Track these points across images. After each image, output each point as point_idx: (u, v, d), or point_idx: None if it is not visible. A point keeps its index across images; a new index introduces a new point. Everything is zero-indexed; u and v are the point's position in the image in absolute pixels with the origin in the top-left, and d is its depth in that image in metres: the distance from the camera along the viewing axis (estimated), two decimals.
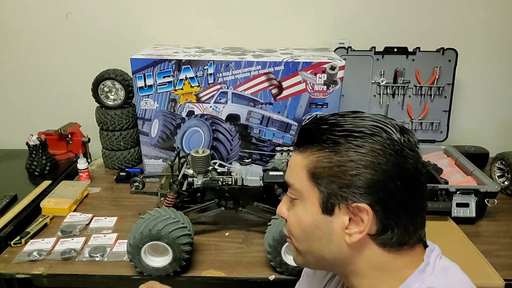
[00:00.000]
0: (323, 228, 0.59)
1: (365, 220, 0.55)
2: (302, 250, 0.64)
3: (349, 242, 0.58)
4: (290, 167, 0.64)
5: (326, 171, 0.57)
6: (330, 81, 1.31)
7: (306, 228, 0.61)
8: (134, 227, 0.98)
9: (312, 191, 0.59)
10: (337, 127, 0.58)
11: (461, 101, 1.69)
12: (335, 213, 0.58)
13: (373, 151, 0.55)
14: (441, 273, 0.57)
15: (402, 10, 1.58)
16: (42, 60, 1.68)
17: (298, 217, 0.62)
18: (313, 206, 0.59)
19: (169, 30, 1.63)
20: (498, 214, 1.26)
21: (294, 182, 0.62)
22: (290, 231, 0.64)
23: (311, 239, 0.61)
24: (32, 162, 1.47)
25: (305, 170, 0.59)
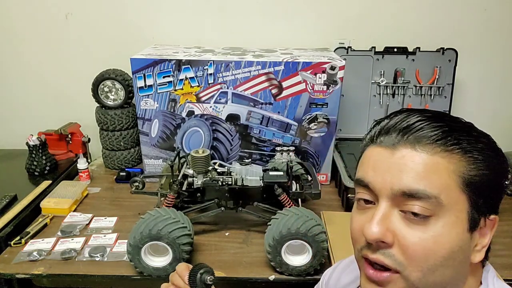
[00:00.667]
0: (465, 249, 0.48)
1: (489, 233, 0.50)
2: (428, 284, 0.48)
3: (476, 261, 0.50)
4: (417, 171, 0.47)
5: (481, 178, 0.48)
6: (330, 81, 1.31)
7: (448, 253, 0.47)
8: (134, 227, 0.98)
9: (461, 204, 0.47)
10: (469, 130, 0.50)
11: (461, 101, 1.69)
12: (476, 229, 0.49)
13: (498, 152, 0.51)
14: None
15: (402, 10, 1.58)
16: (42, 60, 1.68)
17: (438, 241, 0.46)
18: (459, 223, 0.47)
19: (169, 30, 1.63)
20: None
21: (438, 192, 0.46)
22: (409, 261, 0.47)
23: (450, 266, 0.47)
24: (32, 162, 1.47)
25: (455, 176, 0.47)
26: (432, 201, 0.46)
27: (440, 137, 0.48)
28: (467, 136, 0.49)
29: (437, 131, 0.48)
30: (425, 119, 0.49)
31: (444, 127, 0.48)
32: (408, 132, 0.48)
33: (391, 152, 0.49)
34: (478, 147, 0.49)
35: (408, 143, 0.48)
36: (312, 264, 0.98)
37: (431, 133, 0.48)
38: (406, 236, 0.47)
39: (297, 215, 0.98)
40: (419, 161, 0.47)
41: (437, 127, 0.48)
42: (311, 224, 0.96)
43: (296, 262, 0.99)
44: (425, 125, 0.48)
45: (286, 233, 0.96)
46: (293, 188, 1.16)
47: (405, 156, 0.48)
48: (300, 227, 0.95)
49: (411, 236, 0.47)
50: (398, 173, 0.48)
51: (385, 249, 0.48)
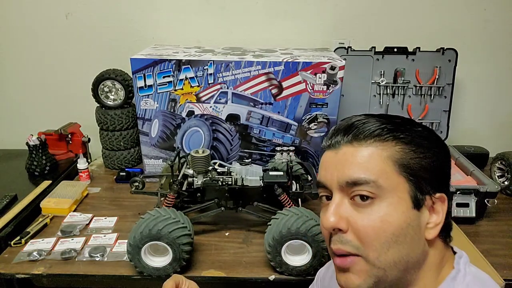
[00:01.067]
0: (414, 225, 0.53)
1: (441, 210, 0.54)
2: (385, 262, 0.53)
3: (430, 238, 0.54)
4: (357, 163, 0.54)
5: (415, 161, 0.54)
6: (330, 81, 1.31)
7: (396, 230, 0.52)
8: (134, 227, 0.98)
9: (401, 185, 0.53)
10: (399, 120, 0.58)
11: (461, 101, 1.69)
12: (422, 206, 0.54)
13: (439, 141, 0.57)
14: (472, 282, 0.55)
15: (402, 10, 1.58)
16: (42, 60, 1.68)
17: (384, 219, 0.52)
18: (402, 202, 0.53)
19: (169, 30, 1.63)
20: (498, 214, 1.26)
21: (376, 177, 0.53)
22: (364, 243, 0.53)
23: (402, 242, 0.52)
24: (32, 162, 1.47)
25: (390, 162, 0.53)
26: (371, 185, 0.53)
27: (373, 129, 0.55)
28: (400, 126, 0.56)
29: (371, 126, 0.56)
30: (362, 119, 0.57)
31: (378, 122, 0.56)
32: (347, 132, 0.57)
33: (336, 152, 0.57)
34: (411, 136, 0.55)
35: (348, 141, 0.56)
36: (312, 264, 0.98)
37: (366, 129, 0.55)
38: (357, 220, 0.53)
39: (297, 215, 0.98)
40: (356, 154, 0.55)
41: (372, 123, 0.56)
42: (311, 224, 0.96)
43: (296, 262, 0.99)
44: (360, 124, 0.56)
45: (286, 233, 0.96)
46: (293, 188, 1.16)
47: (345, 153, 0.56)
48: (300, 227, 0.95)
49: (360, 219, 0.53)
50: (341, 168, 0.55)
51: (342, 237, 0.54)
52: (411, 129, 0.56)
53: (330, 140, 0.59)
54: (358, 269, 0.54)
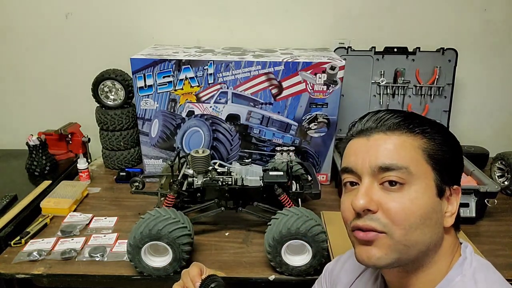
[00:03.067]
0: (438, 211, 0.58)
1: (455, 201, 0.60)
2: (411, 241, 0.57)
3: (447, 226, 0.59)
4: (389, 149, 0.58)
5: (442, 153, 0.59)
6: (330, 81, 1.31)
7: (424, 213, 0.56)
8: (134, 227, 0.98)
9: (428, 173, 0.58)
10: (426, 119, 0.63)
11: (461, 101, 1.69)
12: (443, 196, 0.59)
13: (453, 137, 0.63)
14: (479, 267, 0.59)
15: (402, 10, 1.58)
16: (42, 60, 1.68)
17: (414, 202, 0.56)
18: (428, 188, 0.58)
19: (169, 30, 1.63)
20: (498, 214, 1.26)
21: (408, 164, 0.57)
22: (393, 222, 0.56)
23: (428, 225, 0.57)
24: (32, 162, 1.47)
25: (420, 151, 0.58)
26: (403, 171, 0.57)
27: (404, 122, 0.60)
28: (425, 121, 0.62)
29: (401, 119, 0.61)
30: (390, 112, 0.62)
31: (406, 116, 0.61)
32: (379, 121, 0.61)
33: (367, 139, 0.61)
34: (435, 130, 0.61)
35: (380, 130, 0.60)
36: (312, 264, 0.98)
37: (397, 120, 0.60)
38: (387, 202, 0.57)
39: (297, 215, 0.98)
40: (389, 141, 0.59)
41: (401, 117, 0.61)
42: (311, 224, 0.96)
43: (296, 262, 0.99)
44: (391, 116, 0.61)
45: (286, 233, 0.96)
46: (293, 188, 1.16)
47: (378, 140, 0.60)
48: (300, 227, 0.95)
49: (391, 201, 0.57)
50: (374, 153, 0.59)
51: (372, 216, 0.58)
52: (433, 125, 0.61)
53: (361, 127, 0.63)
54: (382, 244, 0.57)
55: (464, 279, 0.57)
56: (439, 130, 0.61)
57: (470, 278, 0.57)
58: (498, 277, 0.59)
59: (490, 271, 0.60)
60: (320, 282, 0.86)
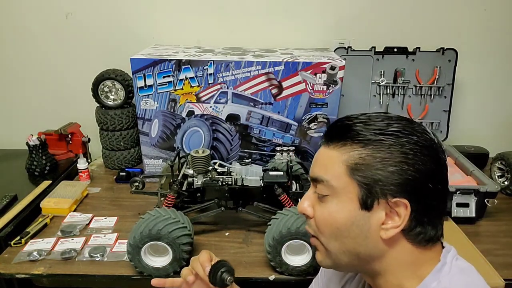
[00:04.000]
0: (360, 225, 0.58)
1: (402, 215, 0.57)
2: (334, 250, 0.61)
3: (384, 237, 0.58)
4: (321, 162, 0.62)
5: (369, 167, 0.57)
6: (330, 81, 1.31)
7: (341, 226, 0.59)
8: (134, 227, 0.98)
9: (351, 187, 0.58)
10: (376, 126, 0.58)
11: (461, 101, 1.69)
12: (374, 208, 0.57)
13: (415, 150, 0.56)
14: (458, 274, 0.58)
15: (402, 10, 1.58)
16: (42, 60, 1.68)
17: (331, 215, 0.60)
18: (350, 202, 0.58)
19: (169, 30, 1.63)
20: (498, 214, 1.26)
21: (329, 178, 0.59)
22: (318, 229, 0.62)
23: (346, 237, 0.59)
24: (32, 162, 1.47)
25: (344, 166, 0.58)
26: (325, 184, 0.60)
27: (336, 134, 0.61)
28: (374, 132, 0.58)
29: (336, 130, 0.61)
30: (338, 121, 0.62)
31: (344, 126, 0.60)
32: (325, 134, 0.63)
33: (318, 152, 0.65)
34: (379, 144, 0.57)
35: (325, 141, 0.63)
36: (312, 264, 0.98)
37: (332, 133, 0.61)
38: (316, 210, 0.63)
39: (297, 215, 0.98)
40: (323, 155, 0.62)
41: (337, 127, 0.61)
42: None
43: (296, 262, 0.99)
44: (331, 128, 0.62)
45: (286, 233, 0.96)
46: (293, 188, 1.16)
47: (320, 152, 0.64)
48: (300, 227, 0.95)
49: (318, 210, 0.62)
50: (314, 164, 0.64)
51: (309, 221, 0.65)
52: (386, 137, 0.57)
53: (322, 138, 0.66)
54: (319, 248, 0.65)
55: (439, 285, 0.57)
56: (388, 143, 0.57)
57: (446, 284, 0.57)
58: (478, 282, 0.59)
59: (471, 276, 0.59)
60: (317, 281, 0.87)
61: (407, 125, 0.59)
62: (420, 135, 0.58)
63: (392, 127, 0.58)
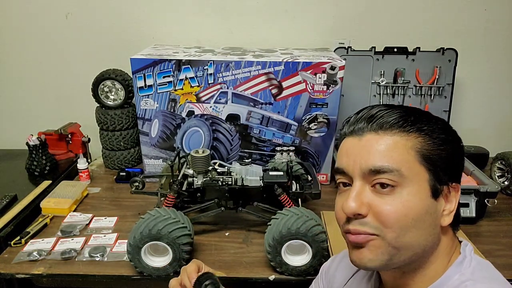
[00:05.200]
0: (432, 212, 0.56)
1: (455, 199, 0.57)
2: (404, 243, 0.56)
3: (445, 224, 0.57)
4: (380, 151, 0.56)
5: (438, 152, 0.56)
6: (330, 81, 1.31)
7: (416, 215, 0.55)
8: (134, 227, 0.98)
9: (422, 174, 0.56)
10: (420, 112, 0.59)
11: (461, 101, 1.69)
12: (439, 195, 0.57)
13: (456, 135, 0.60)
14: (478, 266, 0.58)
15: (402, 10, 1.58)
16: (42, 60, 1.68)
17: (405, 205, 0.55)
18: (422, 190, 0.56)
19: (169, 30, 1.63)
20: (498, 214, 1.26)
21: (399, 166, 0.55)
22: (384, 225, 0.55)
23: (420, 228, 0.56)
24: (32, 162, 1.47)
25: (413, 152, 0.56)
26: (395, 174, 0.55)
27: (397, 120, 0.57)
28: (422, 119, 0.58)
29: (395, 116, 0.57)
30: (385, 109, 0.59)
31: (401, 113, 0.58)
32: (371, 121, 0.58)
33: (359, 139, 0.58)
34: (432, 128, 0.58)
35: (372, 129, 0.58)
36: (312, 264, 0.98)
37: (390, 119, 0.57)
38: (378, 205, 0.56)
39: (297, 215, 0.98)
40: (381, 142, 0.56)
41: (395, 114, 0.58)
42: (311, 224, 0.96)
43: (296, 262, 0.99)
44: (384, 114, 0.58)
45: (286, 233, 0.96)
46: (293, 188, 1.16)
47: (370, 140, 0.57)
48: (300, 227, 0.95)
49: (382, 204, 0.55)
50: (366, 155, 0.57)
51: (362, 220, 0.57)
52: (431, 122, 0.58)
53: (353, 126, 0.60)
54: (373, 246, 0.57)
55: (462, 277, 0.56)
56: (437, 127, 0.58)
57: (469, 276, 0.56)
58: (498, 276, 0.58)
59: (489, 270, 0.59)
60: (317, 281, 0.86)
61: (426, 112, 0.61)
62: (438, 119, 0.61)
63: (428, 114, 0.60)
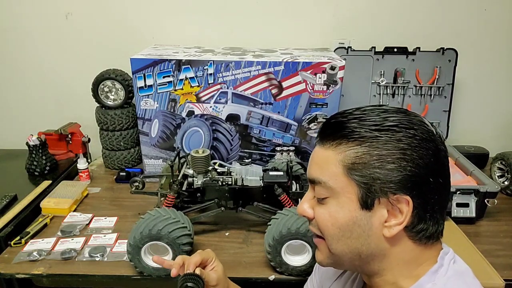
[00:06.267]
0: (362, 224, 0.57)
1: (405, 212, 0.55)
2: (337, 250, 0.60)
3: (388, 236, 0.57)
4: (317, 163, 0.60)
5: (366, 166, 0.55)
6: (330, 81, 1.31)
7: (343, 226, 0.58)
8: (134, 227, 0.98)
9: (349, 187, 0.57)
10: (371, 121, 0.56)
11: (461, 101, 1.69)
12: (375, 207, 0.56)
13: (413, 144, 0.54)
14: (453, 277, 0.58)
15: (402, 10, 1.58)
16: (42, 60, 1.68)
17: (332, 216, 0.58)
18: (350, 202, 0.57)
19: (169, 30, 1.63)
20: (498, 214, 1.26)
21: (327, 179, 0.58)
22: (321, 231, 0.61)
23: (349, 237, 0.58)
24: (32, 162, 1.47)
25: (341, 166, 0.57)
26: (324, 186, 0.59)
27: (330, 133, 0.59)
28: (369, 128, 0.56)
29: (329, 130, 0.59)
30: (331, 119, 0.61)
31: (338, 123, 0.59)
32: (319, 133, 0.62)
33: (313, 151, 0.63)
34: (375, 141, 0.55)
35: (319, 141, 0.61)
36: (312, 264, 0.98)
37: (326, 132, 0.60)
38: (316, 212, 0.62)
39: (297, 215, 0.98)
40: (318, 155, 0.60)
41: (331, 126, 0.59)
42: None
43: (296, 262, 0.99)
44: (325, 126, 0.61)
45: (286, 233, 0.96)
46: (293, 188, 1.16)
47: (315, 152, 0.62)
48: (300, 227, 0.95)
49: (317, 212, 0.61)
50: (310, 166, 0.62)
51: (312, 222, 0.63)
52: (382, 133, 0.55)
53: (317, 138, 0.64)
54: (321, 248, 0.63)
55: (434, 287, 0.57)
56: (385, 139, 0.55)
57: (441, 286, 0.56)
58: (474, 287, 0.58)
59: (466, 281, 0.59)
60: (312, 278, 0.87)
61: (404, 118, 0.56)
62: (418, 127, 0.55)
63: (388, 121, 0.56)
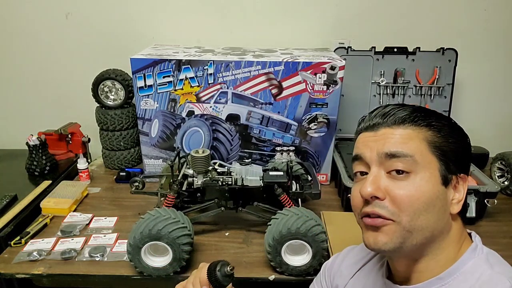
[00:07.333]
0: (442, 199, 0.61)
1: (464, 189, 0.62)
2: (415, 226, 0.59)
3: (454, 212, 0.62)
4: (399, 140, 0.61)
5: (447, 145, 0.62)
6: (330, 81, 1.31)
7: (428, 200, 0.59)
8: (134, 227, 0.98)
9: (433, 163, 0.61)
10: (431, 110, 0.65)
11: (461, 101, 1.69)
12: (449, 184, 0.62)
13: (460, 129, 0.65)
14: (490, 253, 0.64)
15: (402, 10, 1.58)
16: (42, 60, 1.68)
17: (418, 190, 0.59)
18: (433, 178, 0.60)
19: (169, 30, 1.63)
20: (498, 214, 1.26)
21: (413, 153, 0.60)
22: (399, 208, 0.59)
23: (431, 212, 0.60)
24: (32, 162, 1.47)
25: (425, 142, 0.61)
26: (408, 160, 0.60)
27: (409, 116, 0.63)
28: (431, 115, 0.64)
29: (407, 112, 0.63)
30: (397, 107, 0.65)
31: (412, 110, 0.64)
32: (386, 117, 0.64)
33: (375, 133, 0.64)
34: (441, 122, 0.63)
35: (386, 124, 0.63)
36: (312, 264, 0.98)
37: (402, 115, 0.63)
38: (394, 189, 0.60)
39: (297, 215, 0.98)
40: (396, 133, 0.62)
41: (407, 110, 0.64)
42: (311, 224, 0.96)
43: (296, 262, 0.99)
44: (397, 111, 0.64)
45: (286, 233, 0.96)
46: (293, 188, 1.16)
47: (385, 133, 0.63)
48: (300, 227, 0.95)
49: (397, 188, 0.60)
50: (382, 142, 0.62)
51: (379, 203, 0.61)
52: (439, 118, 0.64)
53: (369, 122, 0.66)
54: (388, 230, 0.60)
55: (479, 262, 0.61)
56: (445, 122, 0.64)
57: (484, 261, 0.61)
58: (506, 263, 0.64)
59: (499, 258, 0.64)
60: (319, 280, 0.86)
61: None
62: None
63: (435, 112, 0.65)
